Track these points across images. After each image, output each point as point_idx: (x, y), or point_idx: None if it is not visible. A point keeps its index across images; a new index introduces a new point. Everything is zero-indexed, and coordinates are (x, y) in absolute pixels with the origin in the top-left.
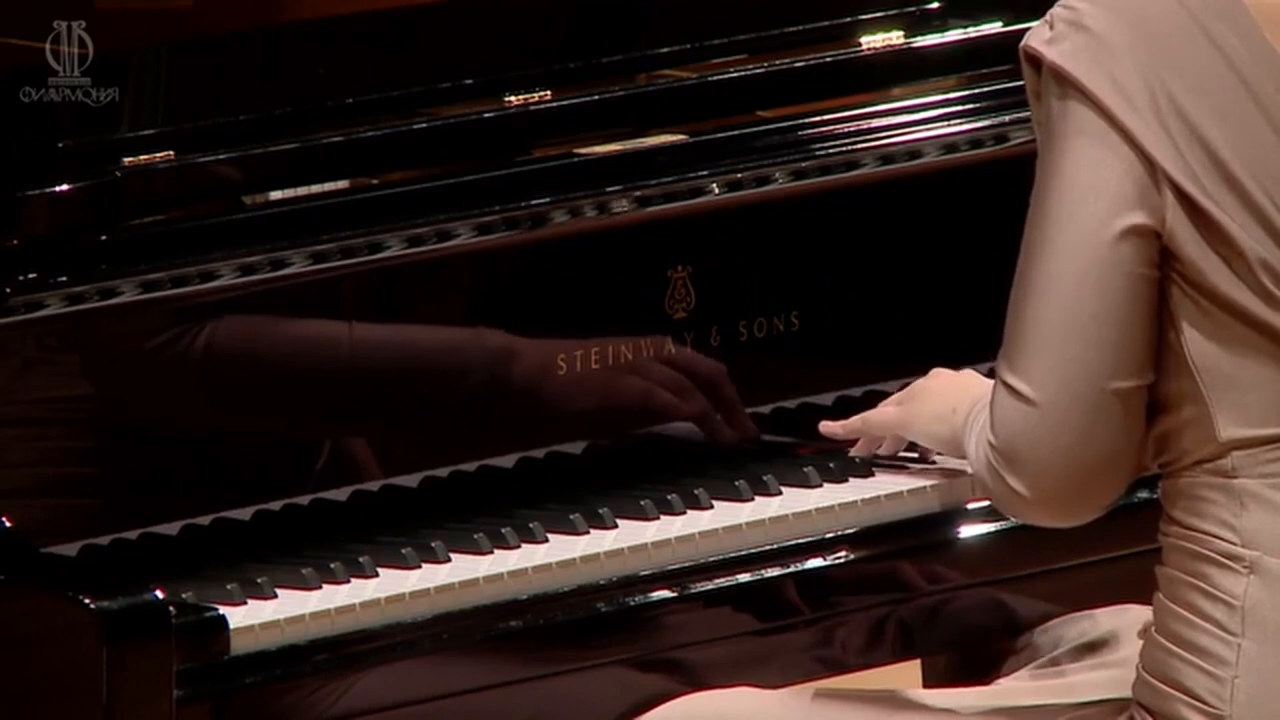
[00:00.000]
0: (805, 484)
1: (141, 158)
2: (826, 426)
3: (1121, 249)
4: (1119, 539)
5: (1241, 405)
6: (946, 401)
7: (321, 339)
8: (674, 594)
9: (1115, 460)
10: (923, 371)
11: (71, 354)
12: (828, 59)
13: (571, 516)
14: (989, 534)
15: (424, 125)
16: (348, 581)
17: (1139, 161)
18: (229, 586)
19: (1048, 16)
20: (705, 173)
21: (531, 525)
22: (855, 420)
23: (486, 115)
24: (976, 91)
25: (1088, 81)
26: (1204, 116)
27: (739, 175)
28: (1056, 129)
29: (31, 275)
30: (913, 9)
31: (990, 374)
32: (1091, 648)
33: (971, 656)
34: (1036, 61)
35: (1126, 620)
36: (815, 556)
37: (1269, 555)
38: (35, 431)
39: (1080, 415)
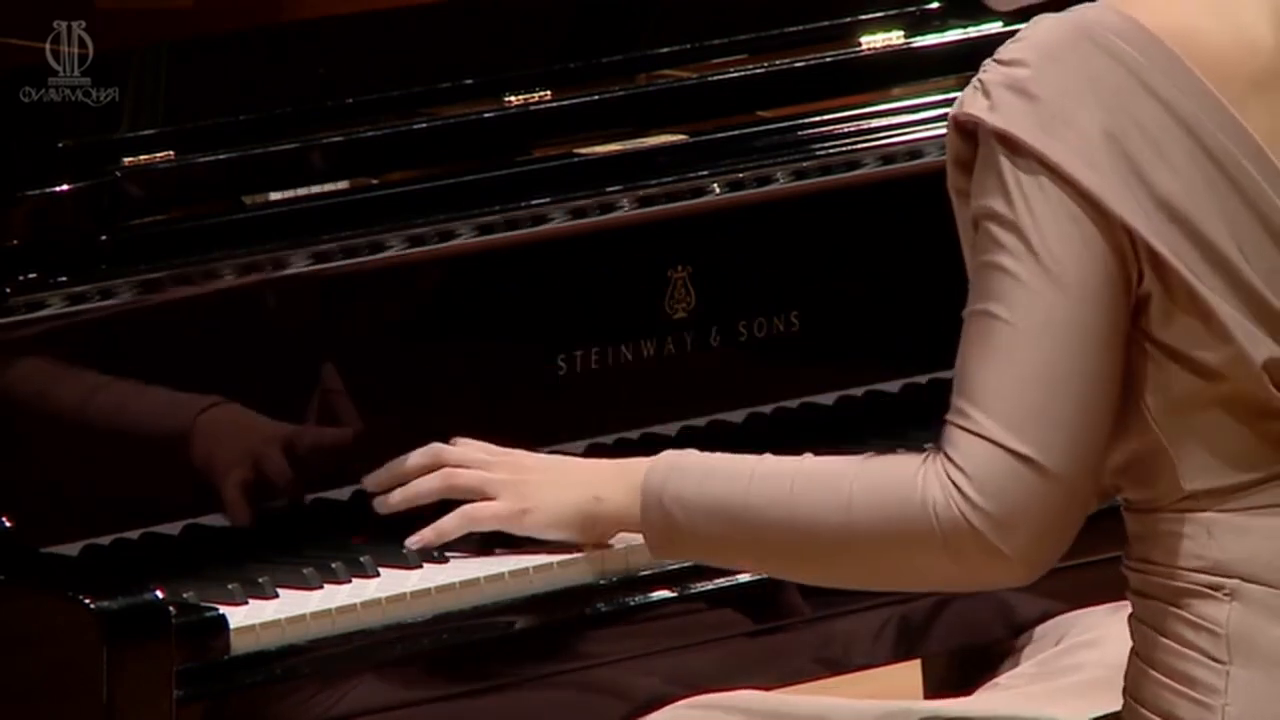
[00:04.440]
0: None
1: (141, 158)
2: (417, 538)
3: (1107, 307)
4: (1118, 539)
5: (1204, 458)
6: (578, 489)
7: (321, 339)
8: (674, 594)
9: (1089, 508)
10: (923, 371)
11: (71, 354)
12: (828, 59)
13: None
14: None
15: (424, 125)
16: (349, 581)
17: (1099, 223)
18: (230, 586)
19: (976, 83)
20: (705, 173)
21: None
22: (453, 521)
23: (486, 115)
24: None
25: (1040, 146)
26: (1157, 170)
27: (739, 175)
28: (1016, 201)
29: (31, 275)
30: (913, 9)
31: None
32: (1089, 647)
33: (971, 656)
34: (966, 129)
35: (1125, 619)
36: None
37: (1246, 581)
38: (35, 431)
39: (1087, 480)
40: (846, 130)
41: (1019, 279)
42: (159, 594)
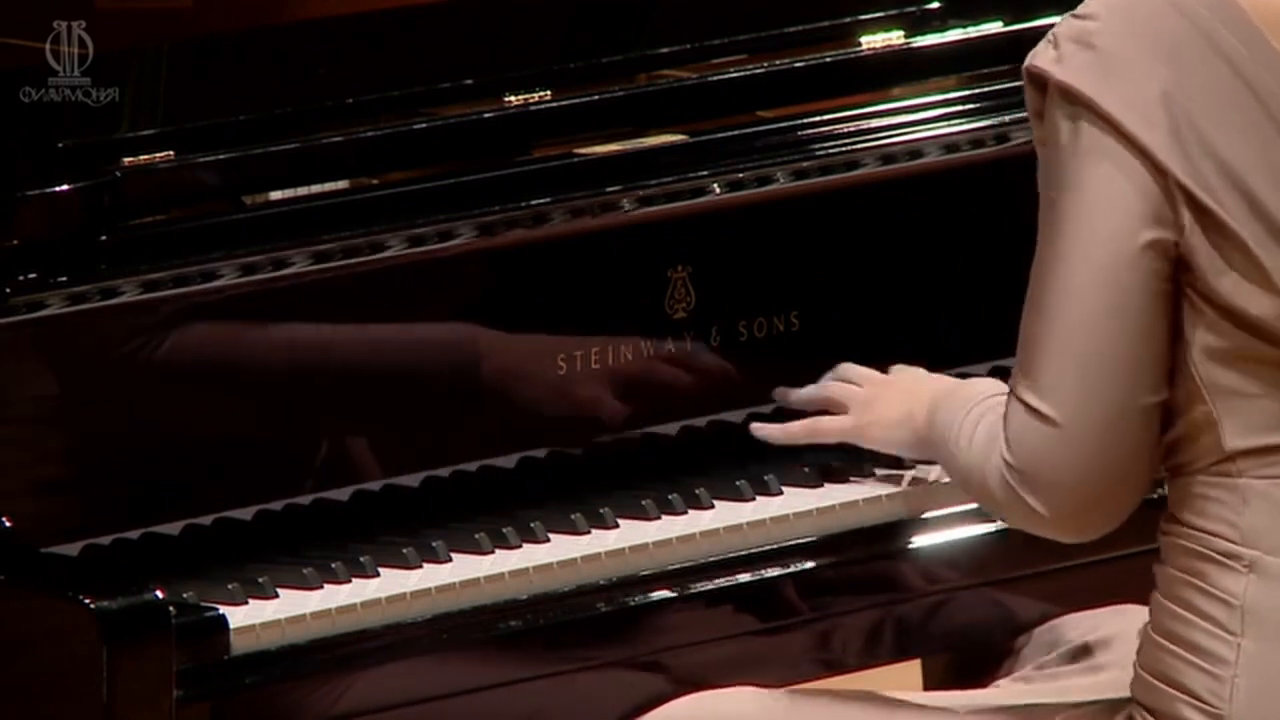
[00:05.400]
0: (806, 484)
1: (141, 158)
2: (764, 430)
3: (1139, 267)
4: (1116, 539)
5: (1247, 416)
6: (903, 406)
7: (321, 339)
8: (674, 594)
9: (1134, 475)
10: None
11: (71, 354)
12: (828, 59)
13: (573, 516)
14: (989, 534)
15: (424, 125)
16: (349, 581)
17: (1152, 175)
18: (230, 586)
19: (1050, 36)
20: (705, 173)
21: (533, 525)
22: (799, 428)
23: (486, 115)
24: (976, 91)
25: (1098, 98)
26: (1215, 128)
27: (739, 175)
28: (1068, 149)
29: (31, 275)
30: (913, 9)
31: (989, 374)
32: (1089, 649)
33: (971, 656)
34: (1040, 81)
35: (1125, 621)
36: (816, 556)
37: (1268, 554)
38: (36, 431)
39: (1102, 435)
40: (846, 130)
41: (1059, 230)
42: (159, 594)
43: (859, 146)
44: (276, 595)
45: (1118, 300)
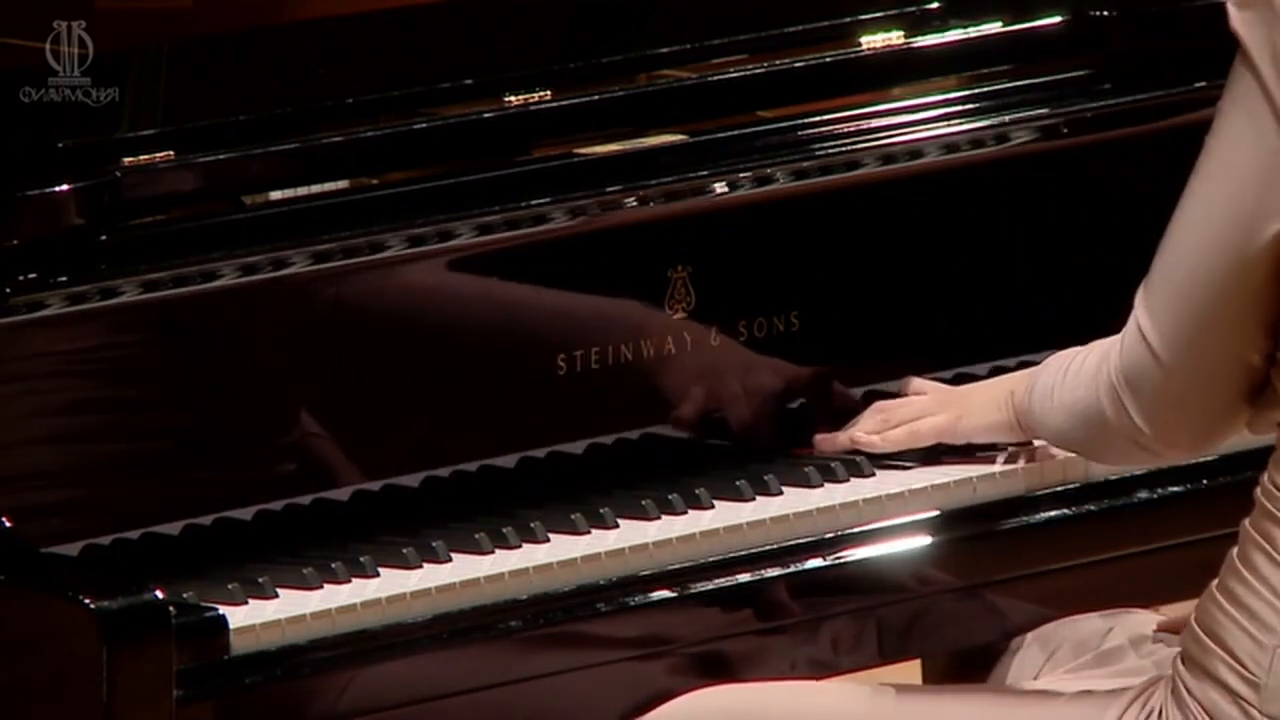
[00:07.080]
0: (806, 484)
1: (141, 158)
2: (863, 438)
3: (1257, 231)
4: (1114, 541)
5: None
6: (993, 393)
7: (320, 339)
8: (674, 594)
9: (1232, 413)
10: (921, 372)
11: (71, 354)
12: (828, 59)
13: (573, 516)
14: (987, 536)
15: (424, 125)
16: (349, 581)
17: (1277, 139)
18: (230, 586)
19: None
20: (705, 173)
21: (533, 525)
22: (900, 434)
23: (486, 115)
24: (976, 91)
25: (1253, 50)
26: None
27: (739, 175)
28: (1228, 90)
29: (31, 275)
30: (913, 9)
31: (989, 374)
32: (1106, 657)
33: (971, 657)
34: None
35: (1133, 627)
36: (816, 556)
37: None
38: (36, 431)
39: (1200, 379)
40: (846, 130)
41: (1197, 170)
42: (159, 594)
43: (859, 146)
44: (276, 595)
45: (1230, 260)
